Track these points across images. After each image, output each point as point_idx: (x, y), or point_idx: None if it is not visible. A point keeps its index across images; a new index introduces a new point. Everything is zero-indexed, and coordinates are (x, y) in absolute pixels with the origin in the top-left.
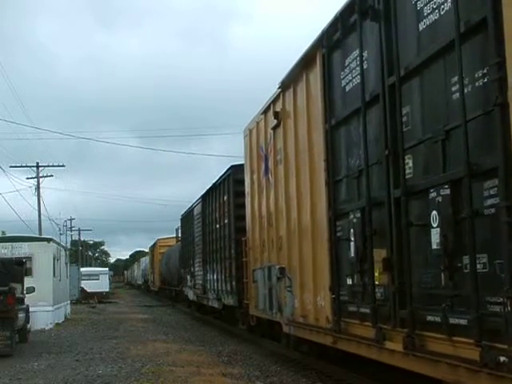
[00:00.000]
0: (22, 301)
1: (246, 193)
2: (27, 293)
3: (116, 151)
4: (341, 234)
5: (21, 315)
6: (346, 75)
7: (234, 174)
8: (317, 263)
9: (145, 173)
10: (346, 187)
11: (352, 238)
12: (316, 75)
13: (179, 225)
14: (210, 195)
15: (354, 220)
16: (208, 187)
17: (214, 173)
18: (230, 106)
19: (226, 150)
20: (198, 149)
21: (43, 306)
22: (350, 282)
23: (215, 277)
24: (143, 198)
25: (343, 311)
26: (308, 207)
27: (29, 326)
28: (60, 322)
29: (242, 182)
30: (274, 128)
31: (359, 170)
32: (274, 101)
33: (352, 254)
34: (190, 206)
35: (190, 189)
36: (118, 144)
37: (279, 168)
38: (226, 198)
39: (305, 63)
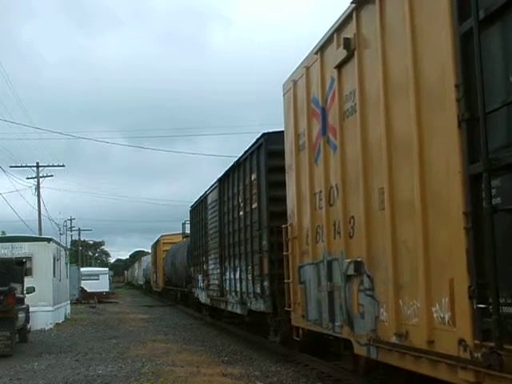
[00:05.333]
0: (22, 301)
1: (287, 166)
2: (27, 293)
3: (115, 151)
4: (500, 200)
5: (21, 315)
6: None
7: (268, 144)
8: (433, 252)
9: (145, 173)
10: (510, 121)
11: None
12: None
13: (184, 221)
14: (231, 176)
15: None
16: (227, 168)
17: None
18: (214, 107)
19: (218, 150)
20: (196, 148)
21: (43, 306)
22: None
23: (238, 276)
24: (144, 197)
25: (505, 333)
26: (415, 167)
27: (29, 325)
28: (60, 322)
29: (278, 153)
30: (341, 65)
31: None
32: (341, 27)
33: None
34: (201, 194)
35: (191, 188)
36: (121, 144)
37: (349, 121)
38: (254, 176)
39: None
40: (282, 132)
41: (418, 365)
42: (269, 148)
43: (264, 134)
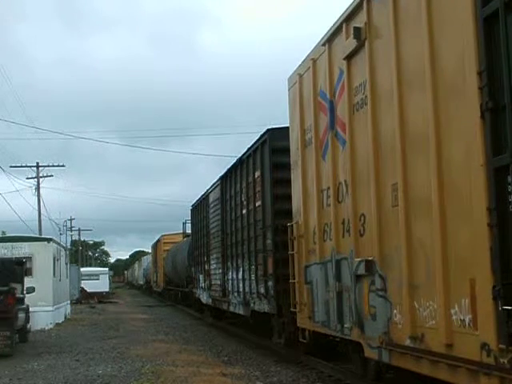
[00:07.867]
0: (22, 301)
1: (293, 162)
2: (27, 293)
3: (115, 152)
4: None
5: (21, 315)
6: None
7: (272, 141)
8: (452, 251)
9: (145, 173)
10: None
11: None
12: None
13: (185, 221)
14: (233, 174)
15: None
16: (229, 166)
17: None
18: (212, 107)
19: (217, 150)
20: (195, 149)
21: (43, 306)
22: None
23: (241, 276)
24: (144, 197)
25: None
26: (432, 161)
27: (29, 325)
28: (60, 322)
29: (283, 150)
30: (350, 56)
31: None
32: (350, 16)
33: None
34: (202, 193)
35: (190, 188)
36: (121, 144)
37: (359, 114)
38: (258, 173)
39: None
40: (287, 128)
41: (435, 369)
42: (273, 144)
43: (268, 130)
